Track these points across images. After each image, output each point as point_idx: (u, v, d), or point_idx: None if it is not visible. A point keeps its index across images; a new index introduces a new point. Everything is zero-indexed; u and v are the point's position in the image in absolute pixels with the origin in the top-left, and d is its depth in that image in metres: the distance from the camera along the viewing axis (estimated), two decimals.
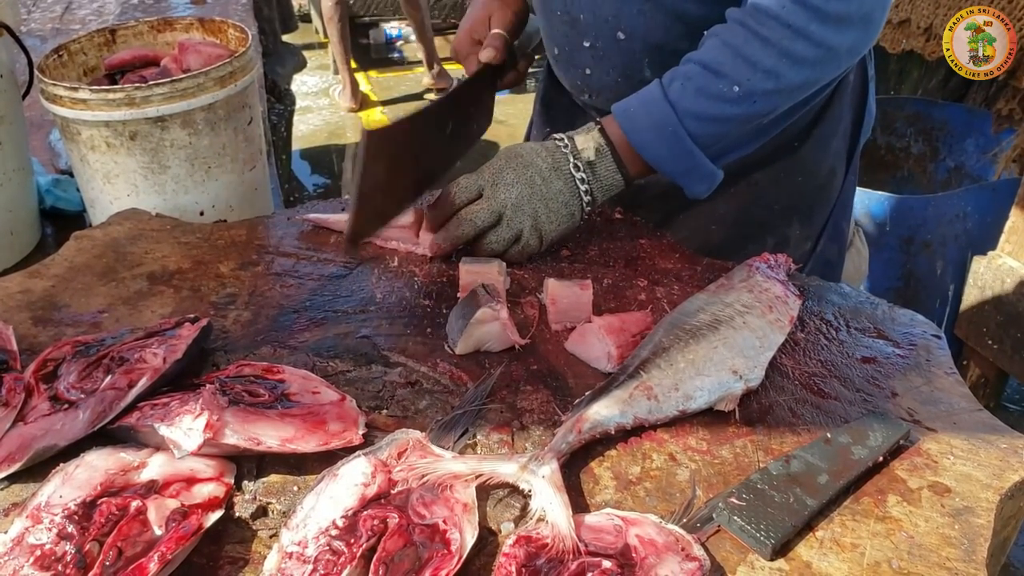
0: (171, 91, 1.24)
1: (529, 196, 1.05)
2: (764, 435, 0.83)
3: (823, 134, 1.23)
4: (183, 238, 1.19)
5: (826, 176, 1.27)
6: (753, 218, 1.26)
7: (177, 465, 0.77)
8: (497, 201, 1.05)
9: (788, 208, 1.26)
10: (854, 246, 1.44)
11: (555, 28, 1.22)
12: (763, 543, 0.70)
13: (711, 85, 1.00)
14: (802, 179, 1.24)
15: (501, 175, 1.05)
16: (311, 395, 0.86)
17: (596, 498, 0.77)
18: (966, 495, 0.77)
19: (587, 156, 1.05)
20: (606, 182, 1.07)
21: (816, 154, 1.22)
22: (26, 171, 1.42)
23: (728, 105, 1.01)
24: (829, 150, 1.25)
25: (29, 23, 2.57)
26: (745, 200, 1.23)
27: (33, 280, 1.09)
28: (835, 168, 1.27)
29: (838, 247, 1.34)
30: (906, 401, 0.88)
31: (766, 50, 0.99)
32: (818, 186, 1.27)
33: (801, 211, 1.27)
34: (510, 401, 0.88)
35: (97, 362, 0.88)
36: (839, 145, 1.26)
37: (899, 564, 0.70)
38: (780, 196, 1.24)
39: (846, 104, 1.25)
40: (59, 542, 0.68)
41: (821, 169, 1.26)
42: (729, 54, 1.00)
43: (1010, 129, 2.52)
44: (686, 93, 1.02)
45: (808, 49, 0.98)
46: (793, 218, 1.27)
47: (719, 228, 1.25)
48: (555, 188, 1.05)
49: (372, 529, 0.68)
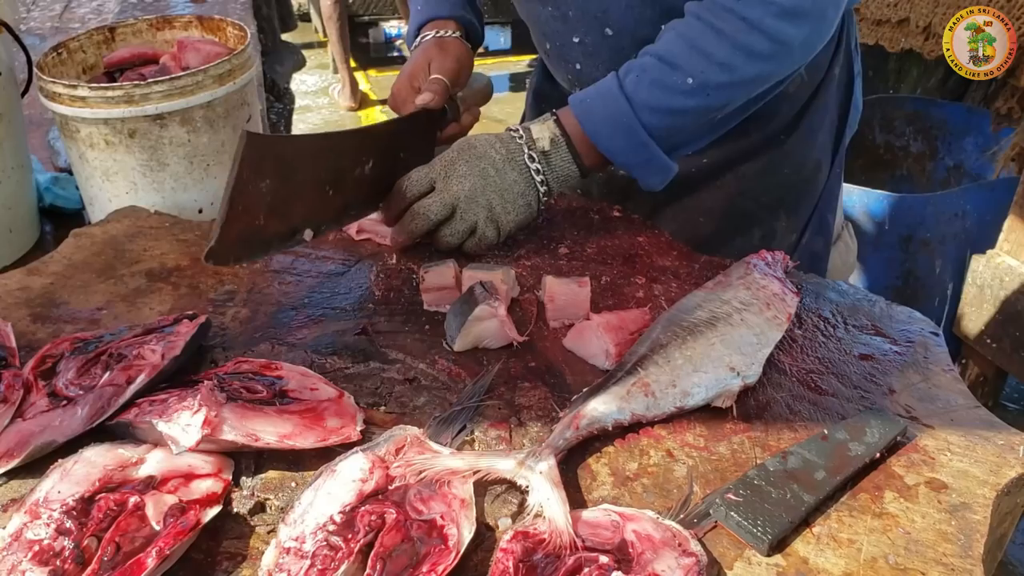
0: (170, 89, 1.24)
1: (483, 187, 1.04)
2: (761, 432, 0.84)
3: (809, 127, 1.24)
4: (182, 235, 1.19)
5: (812, 169, 1.28)
6: (740, 210, 1.26)
7: (175, 461, 0.77)
8: (449, 193, 1.04)
9: (775, 200, 1.27)
10: (842, 240, 1.44)
11: (546, 24, 1.23)
12: (760, 539, 0.70)
13: (666, 77, 1.01)
14: (788, 171, 1.25)
15: (453, 167, 1.05)
16: (309, 391, 0.86)
17: (593, 494, 0.77)
18: (963, 491, 0.77)
19: (542, 146, 1.05)
20: (561, 172, 1.07)
21: (802, 147, 1.24)
22: (25, 169, 1.42)
23: (682, 97, 1.01)
24: (815, 143, 1.26)
25: (28, 22, 2.57)
26: (732, 192, 1.24)
27: (32, 277, 1.09)
28: (821, 161, 1.28)
29: (824, 240, 1.34)
30: (903, 398, 0.88)
31: (720, 43, 0.99)
32: (804, 179, 1.28)
33: (787, 203, 1.28)
34: (508, 398, 0.88)
35: (95, 359, 0.89)
36: (825, 138, 1.27)
37: (896, 560, 0.70)
38: (767, 188, 1.25)
39: (832, 98, 1.26)
40: (57, 537, 0.68)
41: (807, 162, 1.27)
42: (684, 46, 1.01)
43: (1009, 128, 2.52)
44: (641, 85, 1.03)
45: (762, 43, 0.99)
46: (780, 210, 1.28)
47: (707, 220, 1.25)
48: (509, 179, 1.05)
49: (370, 524, 0.69)
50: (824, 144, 1.28)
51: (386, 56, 5.92)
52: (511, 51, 5.96)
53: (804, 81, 1.22)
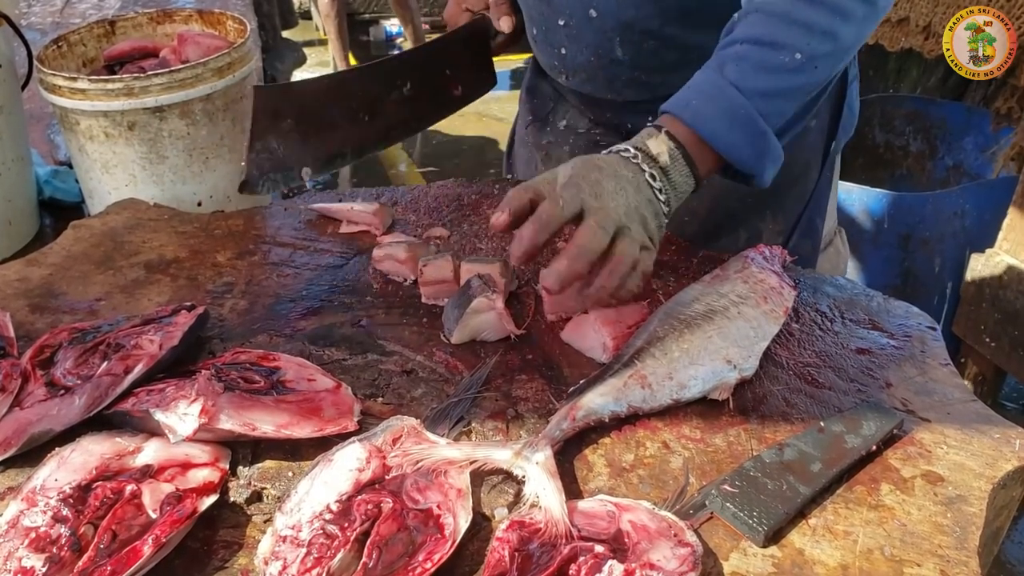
0: (169, 81, 1.24)
1: (636, 204, 0.93)
2: (758, 424, 0.84)
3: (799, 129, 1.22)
4: (180, 227, 1.19)
5: (800, 170, 1.26)
6: (725, 209, 1.25)
7: (172, 450, 0.77)
8: (608, 212, 0.90)
9: (760, 201, 1.25)
10: (833, 246, 1.42)
11: (533, 7, 1.22)
12: (756, 530, 0.70)
13: (771, 58, 0.95)
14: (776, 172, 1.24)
15: (600, 186, 0.91)
16: (307, 382, 0.86)
17: (590, 484, 0.77)
18: (959, 484, 0.77)
19: (663, 161, 0.95)
20: (680, 188, 0.97)
21: (791, 148, 1.22)
22: (25, 161, 1.42)
23: (792, 76, 0.96)
24: (804, 144, 1.24)
25: (29, 16, 2.57)
26: (718, 191, 1.20)
27: (31, 268, 1.09)
28: (810, 163, 1.27)
29: (812, 243, 1.32)
30: (900, 391, 0.89)
31: (817, 11, 0.95)
32: (791, 180, 1.25)
33: (773, 205, 1.27)
34: (505, 389, 0.88)
35: (93, 348, 0.89)
36: (814, 140, 1.26)
37: (891, 551, 0.70)
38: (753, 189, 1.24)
39: (823, 99, 1.23)
40: (54, 525, 0.68)
41: (795, 163, 1.22)
42: (781, 23, 0.96)
43: (1008, 127, 2.52)
44: (745, 72, 0.96)
45: (855, 3, 0.96)
46: (766, 211, 1.27)
47: (691, 219, 1.24)
48: (645, 197, 0.95)
49: (366, 514, 0.69)
50: (813, 146, 1.26)
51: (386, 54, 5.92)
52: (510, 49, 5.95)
53: None
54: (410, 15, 5.01)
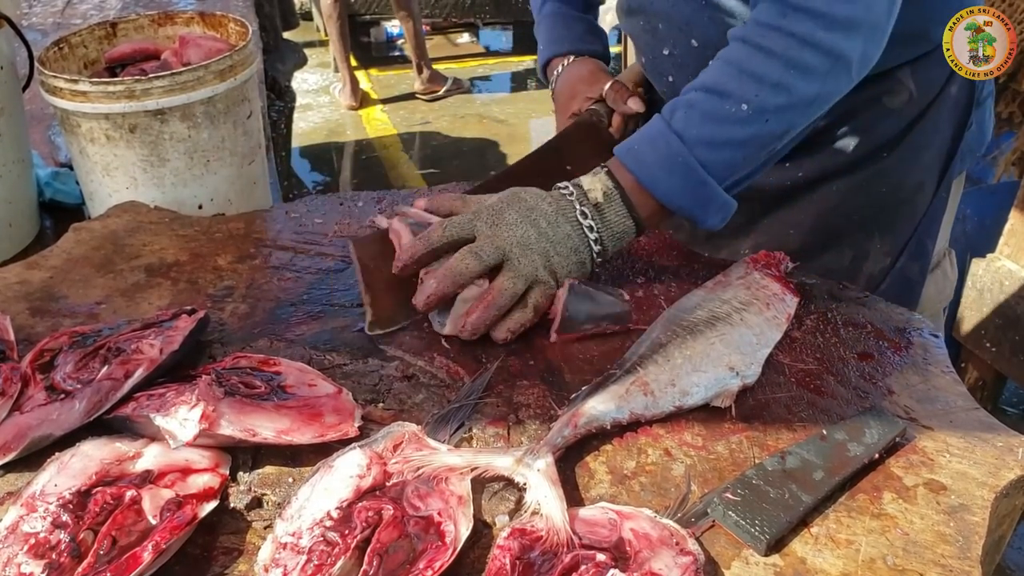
0: (171, 84, 1.24)
1: (536, 237, 0.95)
2: (760, 431, 0.83)
3: (914, 145, 1.18)
4: (181, 231, 1.19)
5: (912, 190, 1.20)
6: (830, 226, 1.20)
7: (172, 455, 0.77)
8: (500, 239, 0.94)
9: (869, 220, 1.20)
10: (941, 268, 1.35)
11: (639, 38, 1.23)
12: (758, 538, 0.70)
13: (718, 108, 0.95)
14: (886, 190, 1.19)
15: (501, 216, 0.95)
16: (307, 387, 0.86)
17: (591, 492, 0.77)
18: (962, 493, 0.77)
19: (594, 198, 0.98)
20: (616, 228, 0.99)
21: (904, 166, 1.17)
22: (25, 163, 1.42)
23: (739, 127, 0.95)
24: (919, 163, 1.19)
25: (31, 17, 2.57)
26: (824, 207, 1.18)
27: (31, 271, 1.09)
28: (924, 182, 1.20)
29: (920, 266, 1.26)
30: (903, 399, 0.88)
31: (771, 62, 0.93)
32: (903, 199, 1.20)
33: (882, 223, 1.21)
34: (506, 395, 0.88)
35: (94, 353, 0.88)
36: (931, 159, 1.20)
37: (894, 561, 0.70)
38: (861, 206, 1.19)
39: (944, 117, 1.19)
40: (53, 531, 0.68)
41: (908, 182, 1.19)
42: (732, 72, 0.95)
43: (1010, 132, 2.52)
44: (691, 120, 0.96)
45: (816, 58, 0.93)
46: (874, 231, 1.21)
47: (796, 234, 1.20)
48: (563, 232, 0.96)
49: (367, 520, 0.68)
50: (930, 165, 1.20)
51: (387, 55, 5.93)
52: (512, 52, 5.96)
53: (913, 98, 1.15)
54: (411, 16, 5.02)
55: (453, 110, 4.98)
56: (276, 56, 3.76)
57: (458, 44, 6.02)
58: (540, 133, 4.64)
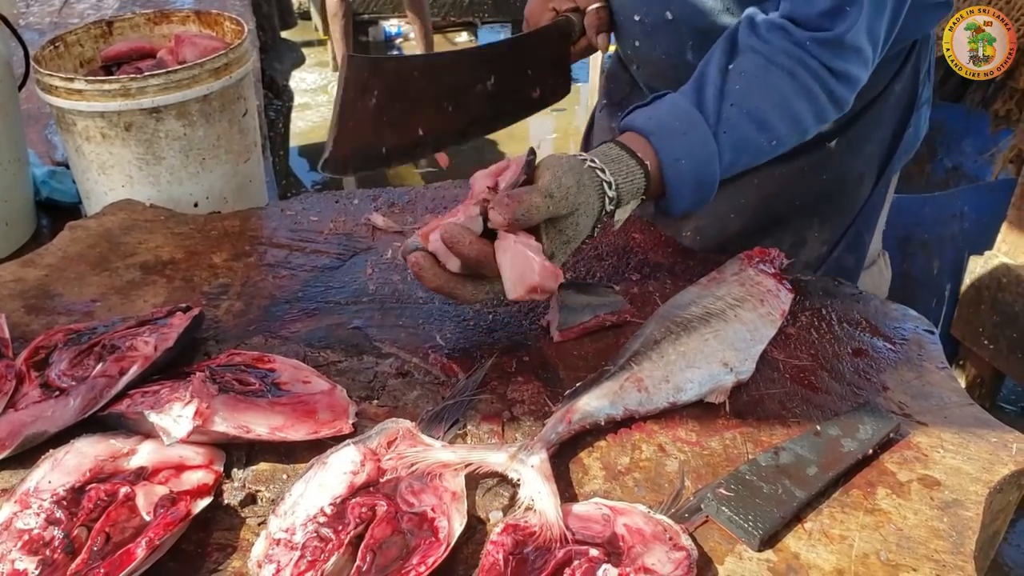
0: (166, 82, 1.24)
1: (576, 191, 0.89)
2: (754, 427, 0.83)
3: (857, 136, 1.21)
4: (176, 228, 1.19)
5: (853, 181, 1.24)
6: (772, 211, 1.23)
7: (166, 452, 0.77)
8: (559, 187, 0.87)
9: (809, 207, 1.24)
10: (876, 266, 1.39)
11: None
12: (751, 534, 0.70)
13: (753, 138, 0.97)
14: (827, 179, 1.22)
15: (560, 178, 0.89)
16: (302, 384, 0.86)
17: (585, 488, 0.77)
18: (955, 488, 0.77)
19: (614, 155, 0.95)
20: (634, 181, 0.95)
21: (846, 156, 1.20)
22: (22, 162, 1.42)
23: (760, 155, 1.01)
24: (861, 155, 1.22)
25: (28, 16, 2.57)
26: (767, 192, 1.21)
27: (26, 269, 1.09)
28: (864, 175, 1.24)
29: (856, 258, 1.30)
30: (897, 395, 0.88)
31: (809, 106, 0.98)
32: (844, 190, 1.24)
33: (822, 212, 1.24)
34: (501, 392, 0.88)
35: (88, 350, 0.89)
36: (872, 152, 1.23)
37: (888, 556, 0.70)
38: (803, 193, 1.22)
39: (887, 114, 1.22)
40: (47, 527, 0.68)
41: (849, 172, 1.23)
42: (776, 105, 0.97)
43: (1007, 129, 2.52)
44: (728, 145, 0.97)
45: (831, 112, 1.00)
46: (813, 218, 1.24)
47: (737, 217, 1.23)
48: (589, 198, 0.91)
49: (360, 516, 0.68)
50: (870, 158, 1.24)
51: (386, 54, 5.92)
52: None
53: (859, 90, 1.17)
54: (422, 17, 5.01)
55: None
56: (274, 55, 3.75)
57: (457, 43, 6.02)
58: (539, 132, 4.62)
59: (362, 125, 0.99)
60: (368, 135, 1.00)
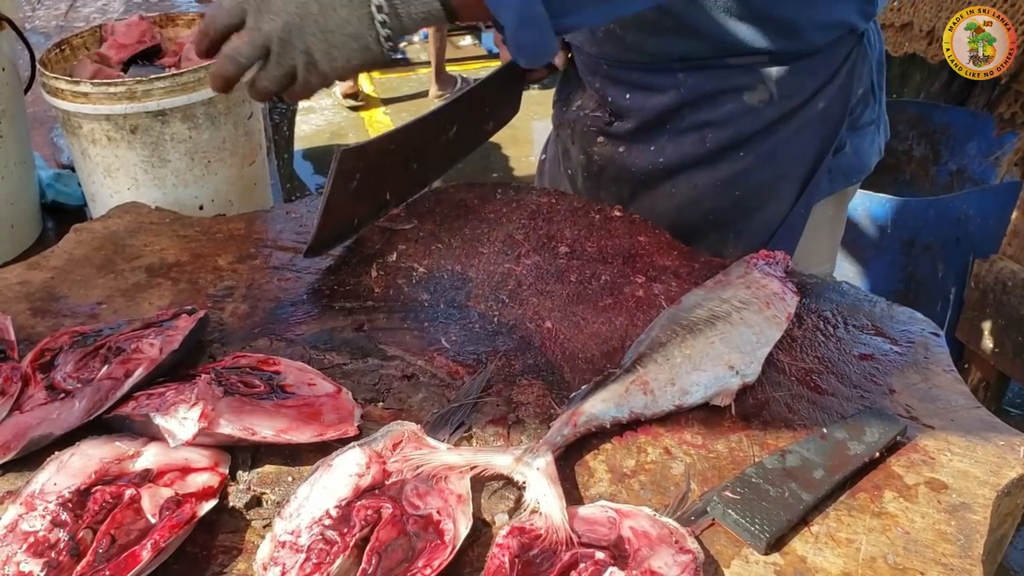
0: (172, 85, 1.24)
1: (299, 27, 0.87)
2: (760, 430, 0.83)
3: (771, 151, 1.19)
4: (182, 231, 1.19)
5: (766, 198, 1.21)
6: (689, 223, 1.22)
7: (172, 454, 0.77)
8: (260, 33, 0.87)
9: (724, 222, 1.22)
10: None
11: None
12: (758, 537, 0.70)
13: None
14: (740, 193, 1.20)
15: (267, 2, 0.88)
16: (307, 387, 0.85)
17: (591, 490, 0.77)
18: (963, 491, 0.76)
19: None
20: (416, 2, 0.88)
21: (760, 169, 1.18)
22: (28, 165, 1.43)
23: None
24: (775, 170, 1.19)
25: (34, 20, 2.58)
26: (683, 201, 1.21)
27: (32, 271, 1.09)
28: (781, 194, 1.21)
29: None
30: (904, 398, 0.88)
31: None
32: (757, 206, 1.21)
33: (737, 228, 1.23)
34: (506, 394, 0.88)
35: (94, 352, 0.89)
36: (789, 169, 1.20)
37: (895, 559, 0.70)
38: (716, 206, 1.21)
39: (808, 129, 1.19)
40: (53, 529, 0.68)
41: (763, 188, 1.20)
42: None
43: (1012, 132, 2.51)
44: None
45: None
46: (728, 234, 1.23)
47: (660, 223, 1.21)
48: (338, 18, 0.87)
49: (366, 519, 0.68)
50: (788, 176, 1.21)
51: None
52: None
53: (774, 100, 1.17)
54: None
55: None
56: None
57: (460, 47, 6.02)
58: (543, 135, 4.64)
59: (342, 209, 1.07)
60: (346, 215, 1.09)
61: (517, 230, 1.17)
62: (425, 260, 1.12)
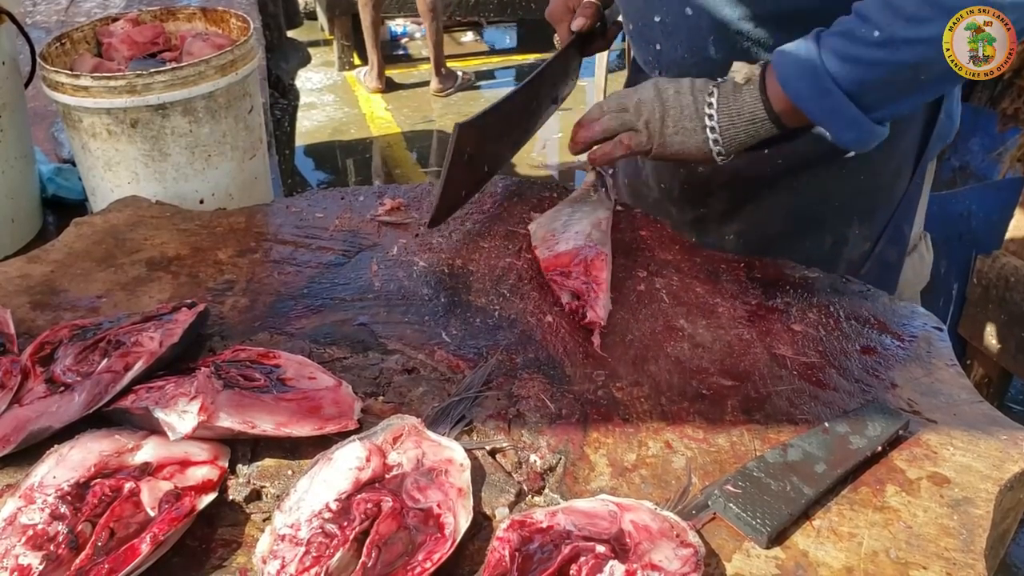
0: (172, 79, 1.23)
1: (654, 97, 1.09)
2: (761, 424, 0.83)
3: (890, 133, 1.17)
4: (182, 225, 1.19)
5: (890, 176, 1.24)
6: (811, 212, 1.24)
7: (171, 448, 0.77)
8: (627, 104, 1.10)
9: (848, 206, 1.24)
10: (918, 251, 1.38)
11: (629, 3, 1.25)
12: (759, 531, 0.70)
13: (855, 28, 1.00)
14: (864, 178, 1.22)
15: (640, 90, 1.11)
16: (307, 380, 0.85)
17: (591, 484, 0.76)
18: (965, 486, 0.76)
19: (733, 78, 1.06)
20: (746, 111, 1.06)
21: (882, 153, 1.18)
22: (28, 159, 1.42)
23: (868, 48, 0.99)
24: (896, 150, 1.22)
25: (35, 15, 2.57)
26: (804, 194, 1.22)
27: (32, 265, 1.09)
28: (901, 169, 1.24)
29: (898, 250, 1.30)
30: (906, 392, 0.88)
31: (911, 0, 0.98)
32: (880, 186, 1.24)
33: (861, 210, 1.25)
34: (507, 388, 0.88)
35: (94, 345, 0.88)
36: (907, 146, 1.24)
37: (897, 554, 0.70)
38: (841, 193, 1.23)
39: None
40: (52, 522, 0.68)
41: (886, 168, 1.23)
42: (879, 2, 1.00)
43: (1015, 128, 2.51)
44: (831, 35, 1.02)
45: None
46: (853, 217, 1.25)
47: (777, 220, 1.24)
48: (682, 102, 1.08)
49: (365, 512, 0.68)
50: (906, 152, 1.24)
51: (392, 54, 5.92)
52: (516, 50, 5.96)
53: None
54: (436, 17, 5.02)
55: (457, 108, 4.97)
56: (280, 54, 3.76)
57: (462, 43, 6.01)
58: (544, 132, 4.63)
59: (456, 182, 1.14)
60: (458, 187, 1.16)
61: (518, 224, 1.17)
62: (426, 254, 1.12)
